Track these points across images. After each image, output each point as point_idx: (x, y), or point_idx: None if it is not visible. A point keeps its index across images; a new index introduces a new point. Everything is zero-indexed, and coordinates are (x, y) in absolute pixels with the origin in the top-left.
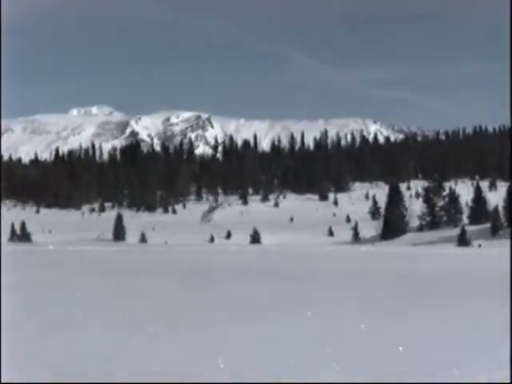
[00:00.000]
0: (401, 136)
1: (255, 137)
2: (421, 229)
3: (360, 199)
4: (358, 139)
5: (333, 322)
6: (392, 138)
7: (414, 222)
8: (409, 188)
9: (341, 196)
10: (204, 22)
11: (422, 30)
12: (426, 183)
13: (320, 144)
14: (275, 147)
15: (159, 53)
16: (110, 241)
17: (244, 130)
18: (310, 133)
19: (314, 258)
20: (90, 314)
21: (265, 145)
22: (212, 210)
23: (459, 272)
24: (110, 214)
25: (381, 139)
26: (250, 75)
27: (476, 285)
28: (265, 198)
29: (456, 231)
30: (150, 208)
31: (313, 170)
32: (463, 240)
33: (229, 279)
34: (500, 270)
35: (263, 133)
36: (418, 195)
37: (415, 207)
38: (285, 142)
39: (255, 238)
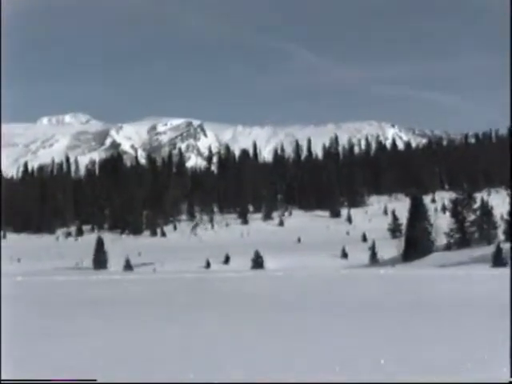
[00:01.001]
0: (423, 141)
1: (255, 145)
2: (449, 248)
3: (377, 215)
4: (373, 145)
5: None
6: (413, 144)
7: (441, 240)
8: (434, 201)
9: (355, 212)
10: (192, 16)
11: (446, 18)
12: (453, 194)
13: (330, 152)
14: (278, 157)
15: (144, 52)
16: (89, 269)
17: (242, 138)
18: (317, 139)
19: (326, 284)
20: None
21: (266, 154)
22: (195, 227)
23: (497, 299)
24: (89, 239)
25: (400, 145)
26: (248, 75)
27: None
28: (267, 216)
29: (490, 249)
30: (136, 230)
31: (322, 182)
32: (499, 260)
33: (221, 315)
34: None
35: (264, 141)
36: (444, 209)
37: (442, 223)
38: (289, 151)
39: (258, 263)
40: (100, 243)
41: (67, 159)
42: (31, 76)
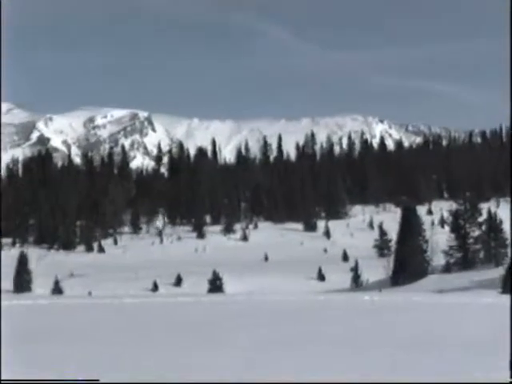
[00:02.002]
0: (418, 139)
1: (214, 143)
2: (448, 269)
3: (361, 228)
4: (357, 144)
5: None
6: (406, 143)
7: (439, 260)
8: (430, 212)
9: (335, 224)
10: None
11: None
12: (454, 205)
13: (304, 152)
14: (242, 157)
15: (78, 27)
16: (9, 292)
17: (198, 133)
18: (290, 137)
19: (296, 312)
20: None
21: (227, 154)
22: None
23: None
24: (10, 254)
25: (390, 144)
26: (207, 59)
27: None
28: (228, 229)
29: (498, 272)
30: (67, 245)
31: (295, 188)
32: (510, 285)
33: None
34: None
35: (225, 137)
36: (443, 222)
37: (440, 239)
38: (255, 150)
39: (216, 285)
40: (23, 260)
41: None
42: None
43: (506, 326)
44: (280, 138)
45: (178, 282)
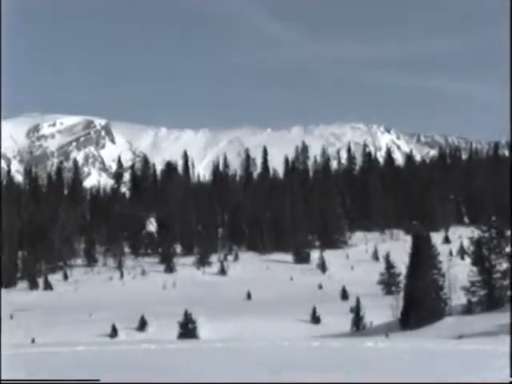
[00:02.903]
0: (432, 152)
1: (185, 157)
2: (469, 310)
3: (364, 260)
4: (359, 158)
5: None
6: (417, 156)
7: (458, 299)
8: (448, 240)
9: (331, 255)
10: None
11: None
12: (476, 232)
13: (295, 168)
14: (219, 174)
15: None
16: None
17: (166, 145)
18: (277, 149)
19: (285, 364)
20: None
21: (202, 170)
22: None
23: None
24: None
25: (398, 158)
26: (174, 55)
27: None
28: (203, 261)
29: None
30: (7, 281)
31: (283, 211)
32: None
33: None
34: None
35: (199, 150)
36: (463, 252)
37: (459, 273)
38: (235, 165)
39: (188, 329)
40: None
41: None
42: None
43: None
44: (265, 151)
45: (142, 325)
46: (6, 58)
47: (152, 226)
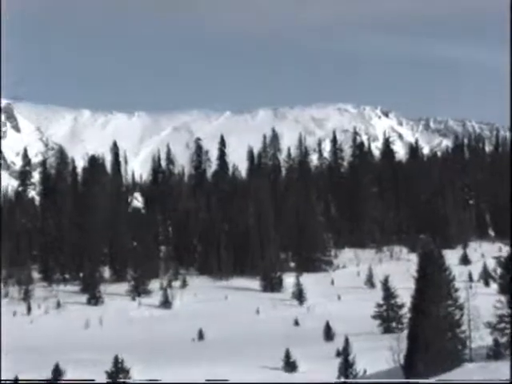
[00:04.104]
0: (445, 142)
1: (116, 149)
2: (496, 354)
3: (354, 286)
4: (347, 151)
5: None
6: (426, 148)
7: (481, 339)
8: (466, 260)
9: (312, 280)
10: None
11: None
12: (504, 248)
13: (262, 164)
14: (160, 172)
15: None
16: None
17: (90, 133)
18: (238, 138)
19: None
20: None
21: (138, 166)
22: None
23: None
24: None
25: (400, 151)
26: (103, 20)
27: None
28: (139, 289)
29: None
30: None
31: (246, 222)
32: None
33: None
34: None
35: (135, 140)
36: (487, 276)
37: (482, 303)
38: (183, 161)
39: (119, 382)
40: None
41: None
42: None
43: None
44: (222, 142)
45: (57, 374)
46: None
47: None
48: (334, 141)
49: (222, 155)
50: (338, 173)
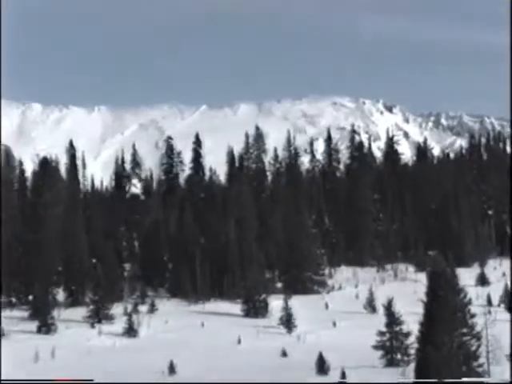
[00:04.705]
0: (459, 142)
1: (72, 150)
2: None
3: (352, 311)
4: (344, 152)
5: None
6: (436, 148)
7: (502, 373)
8: (484, 280)
9: (302, 303)
10: None
11: None
12: None
13: (244, 167)
14: (125, 177)
15: None
16: None
17: (42, 131)
18: (216, 137)
19: None
20: None
21: (99, 170)
22: None
23: None
24: None
25: (406, 151)
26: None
27: None
28: (100, 315)
29: None
30: None
31: (226, 236)
32: None
33: None
34: None
35: (95, 139)
36: (508, 299)
37: (504, 332)
38: (151, 163)
39: None
40: None
41: None
42: None
43: None
44: (198, 141)
45: None
46: None
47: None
48: (329, 140)
49: (197, 157)
50: (334, 178)
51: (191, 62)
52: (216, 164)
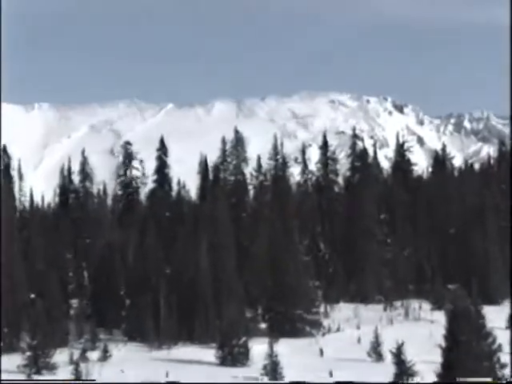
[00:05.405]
0: (486, 149)
1: (6, 157)
2: None
3: (353, 359)
4: (343, 162)
5: None
6: (458, 158)
7: None
8: None
9: (292, 348)
10: None
11: None
12: None
13: (220, 179)
14: (70, 190)
15: None
16: None
17: None
18: (186, 142)
19: None
20: None
21: (41, 181)
22: None
23: None
24: None
25: (421, 161)
26: None
27: None
28: (37, 363)
29: None
30: None
31: (197, 264)
32: None
33: None
34: None
35: (35, 144)
36: None
37: None
38: (104, 174)
39: None
40: None
41: None
42: None
43: None
44: (163, 148)
45: None
46: None
47: None
48: (325, 147)
49: (161, 167)
50: (331, 193)
51: (154, 50)
52: (185, 175)
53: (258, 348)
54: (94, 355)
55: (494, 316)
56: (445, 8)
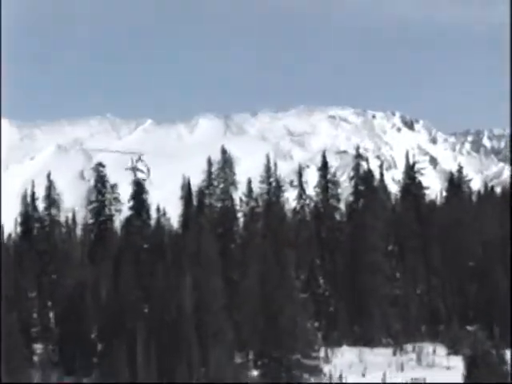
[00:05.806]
0: (508, 170)
1: None
2: None
3: None
4: (345, 187)
5: None
6: (476, 180)
7: None
8: None
9: None
10: None
11: None
12: None
13: (205, 206)
14: (34, 219)
15: None
16: None
17: None
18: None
19: None
20: None
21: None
22: None
23: None
24: None
25: (434, 185)
26: None
27: None
28: None
29: None
30: None
31: (177, 303)
32: None
33: None
34: None
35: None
36: None
37: None
38: (72, 201)
39: None
40: None
41: None
42: None
43: None
44: (139, 169)
45: None
46: None
47: None
48: (324, 169)
49: (139, 192)
50: (331, 221)
51: (129, 58)
52: (166, 202)
53: None
54: None
55: None
56: (462, 19)
